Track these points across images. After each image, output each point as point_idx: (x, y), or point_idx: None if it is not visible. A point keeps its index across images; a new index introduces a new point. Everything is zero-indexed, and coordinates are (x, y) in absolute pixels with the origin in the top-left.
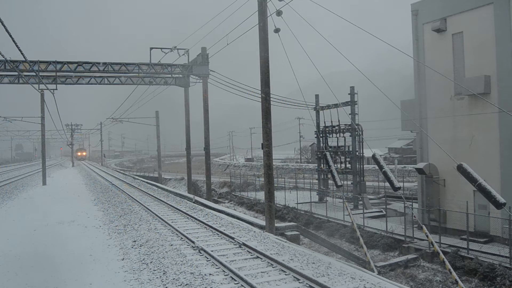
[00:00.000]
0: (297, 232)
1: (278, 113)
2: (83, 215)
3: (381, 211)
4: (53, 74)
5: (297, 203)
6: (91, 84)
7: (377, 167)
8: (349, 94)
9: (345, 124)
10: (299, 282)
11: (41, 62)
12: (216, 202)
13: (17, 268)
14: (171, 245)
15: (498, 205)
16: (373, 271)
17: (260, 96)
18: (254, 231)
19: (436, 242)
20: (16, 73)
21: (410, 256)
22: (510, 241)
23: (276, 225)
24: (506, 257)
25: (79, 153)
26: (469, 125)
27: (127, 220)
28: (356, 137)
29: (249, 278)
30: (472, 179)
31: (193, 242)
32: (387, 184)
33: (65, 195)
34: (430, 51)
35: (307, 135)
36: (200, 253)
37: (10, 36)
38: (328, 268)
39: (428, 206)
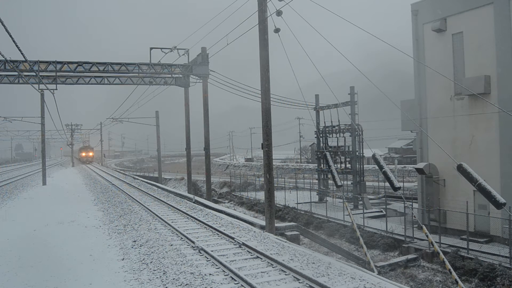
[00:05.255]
0: (297, 232)
1: (278, 113)
2: (83, 215)
3: (381, 211)
4: (53, 74)
5: (297, 203)
6: (91, 84)
7: (377, 167)
8: (349, 94)
9: (345, 124)
10: (299, 282)
11: (41, 62)
12: (216, 202)
13: (17, 268)
14: (171, 245)
15: (498, 205)
16: (373, 271)
17: (260, 96)
18: (254, 231)
19: (436, 242)
20: (16, 73)
21: (410, 256)
22: (510, 241)
23: (276, 225)
24: (506, 257)
25: (83, 153)
26: (469, 125)
27: (127, 220)
28: (356, 137)
29: (249, 278)
30: (472, 179)
31: (193, 242)
32: (387, 184)
33: (65, 195)
34: (430, 51)
35: (307, 135)
36: (200, 253)
37: (10, 36)
38: (328, 268)
39: (428, 206)
